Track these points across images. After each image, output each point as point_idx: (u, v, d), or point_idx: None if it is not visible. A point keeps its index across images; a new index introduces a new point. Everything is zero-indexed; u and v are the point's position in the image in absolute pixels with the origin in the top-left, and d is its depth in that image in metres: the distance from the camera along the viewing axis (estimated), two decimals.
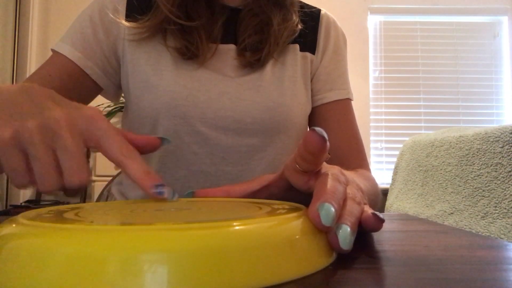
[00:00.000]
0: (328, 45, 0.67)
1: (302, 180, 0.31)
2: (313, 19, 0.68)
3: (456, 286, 0.20)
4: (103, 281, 0.17)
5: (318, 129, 0.27)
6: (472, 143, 1.37)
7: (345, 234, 0.25)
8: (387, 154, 2.50)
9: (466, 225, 1.30)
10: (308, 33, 0.66)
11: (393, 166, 1.93)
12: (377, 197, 0.57)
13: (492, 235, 1.18)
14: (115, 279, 0.17)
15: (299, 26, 0.64)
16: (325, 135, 0.27)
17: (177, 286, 0.17)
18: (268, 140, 0.60)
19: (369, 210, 0.29)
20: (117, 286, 0.17)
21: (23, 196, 2.26)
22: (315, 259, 0.23)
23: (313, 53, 0.66)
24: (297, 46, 0.65)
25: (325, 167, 0.31)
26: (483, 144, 1.32)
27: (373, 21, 2.59)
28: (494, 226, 1.21)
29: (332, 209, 0.25)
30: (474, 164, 1.35)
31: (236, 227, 0.21)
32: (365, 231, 0.29)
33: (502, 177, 1.24)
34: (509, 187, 1.21)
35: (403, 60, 2.56)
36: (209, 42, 0.59)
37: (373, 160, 2.48)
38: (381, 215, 0.28)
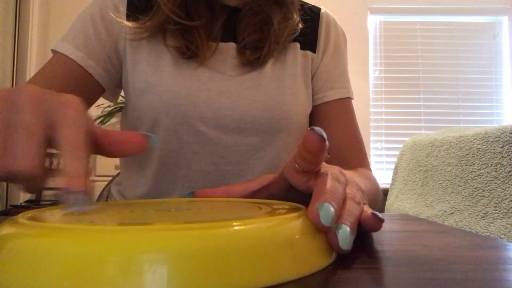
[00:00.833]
0: (328, 44, 0.67)
1: (301, 180, 0.31)
2: (313, 17, 0.68)
3: (456, 286, 0.20)
4: (102, 281, 0.17)
5: (317, 128, 0.27)
6: (472, 143, 1.37)
7: (344, 234, 0.25)
8: (387, 154, 2.49)
9: (466, 225, 1.30)
10: (308, 32, 0.66)
11: (393, 166, 1.93)
12: (378, 196, 0.57)
13: (492, 235, 1.18)
14: (115, 279, 0.17)
15: (300, 25, 0.63)
16: (324, 134, 0.27)
17: (177, 286, 0.17)
18: (269, 139, 0.60)
19: (368, 210, 0.29)
20: (117, 286, 0.17)
21: (23, 196, 2.26)
22: (314, 259, 0.23)
23: (314, 51, 0.66)
24: (297, 45, 0.65)
25: (324, 167, 0.31)
26: (483, 144, 1.32)
27: (373, 21, 2.59)
28: (494, 226, 1.21)
29: (332, 209, 0.25)
30: (474, 164, 1.35)
31: (236, 227, 0.21)
32: (364, 231, 0.29)
33: (502, 177, 1.24)
34: (509, 187, 1.21)
35: (403, 60, 2.56)
36: (209, 41, 0.59)
37: (373, 160, 2.48)
38: (380, 215, 0.28)
